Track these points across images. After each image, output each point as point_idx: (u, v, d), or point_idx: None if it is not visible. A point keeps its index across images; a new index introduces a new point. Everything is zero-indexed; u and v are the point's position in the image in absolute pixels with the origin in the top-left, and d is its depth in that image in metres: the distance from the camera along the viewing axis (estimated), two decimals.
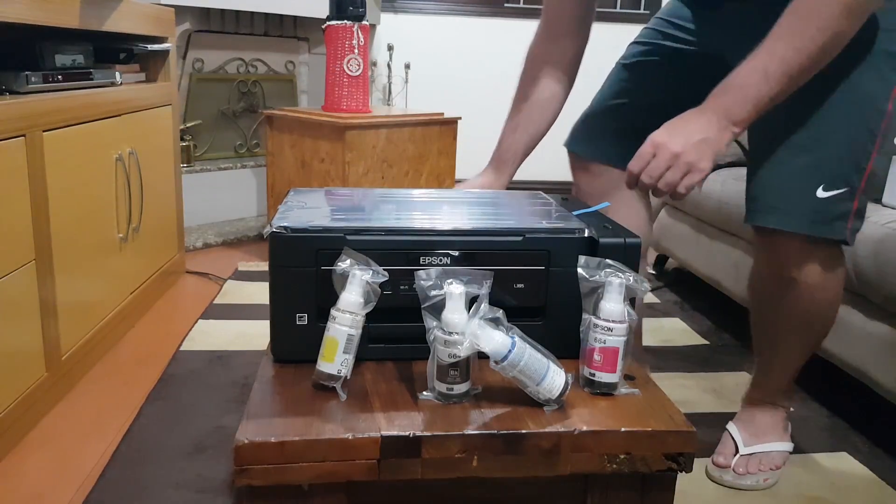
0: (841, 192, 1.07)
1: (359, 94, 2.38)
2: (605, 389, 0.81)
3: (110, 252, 1.69)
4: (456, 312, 0.74)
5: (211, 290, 2.16)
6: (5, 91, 1.37)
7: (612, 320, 0.79)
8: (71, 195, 1.47)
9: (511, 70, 1.47)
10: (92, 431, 1.35)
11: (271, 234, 0.81)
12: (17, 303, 1.28)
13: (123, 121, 1.74)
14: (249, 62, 2.91)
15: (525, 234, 0.85)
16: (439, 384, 0.78)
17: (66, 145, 1.45)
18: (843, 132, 1.06)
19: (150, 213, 1.92)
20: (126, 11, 1.74)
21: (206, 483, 1.19)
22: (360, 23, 2.31)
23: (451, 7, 3.45)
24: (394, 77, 3.41)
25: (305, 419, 0.73)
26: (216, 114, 2.86)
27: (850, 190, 1.07)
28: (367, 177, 2.30)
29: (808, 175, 1.07)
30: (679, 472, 0.76)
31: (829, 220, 1.07)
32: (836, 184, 1.06)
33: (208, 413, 1.42)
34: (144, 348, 1.73)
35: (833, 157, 1.07)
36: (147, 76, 2.03)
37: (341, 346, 0.77)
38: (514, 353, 0.73)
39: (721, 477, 1.25)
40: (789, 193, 1.08)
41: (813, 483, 1.26)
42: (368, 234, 0.83)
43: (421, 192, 1.10)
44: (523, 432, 0.73)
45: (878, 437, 1.42)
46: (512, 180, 1.33)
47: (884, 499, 1.23)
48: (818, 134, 1.07)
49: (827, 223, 1.07)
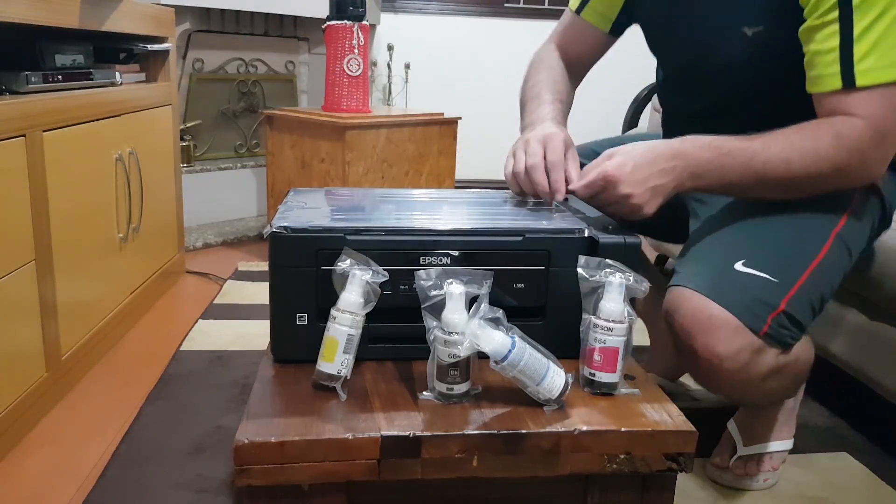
0: (763, 277, 0.96)
1: (359, 94, 2.38)
2: (605, 389, 0.81)
3: (110, 252, 1.69)
4: (456, 312, 0.74)
5: (211, 290, 2.16)
6: (5, 91, 1.37)
7: (612, 320, 0.79)
8: (71, 195, 1.47)
9: (511, 70, 1.47)
10: (92, 431, 1.35)
11: (271, 234, 0.81)
12: (17, 303, 1.28)
13: (123, 121, 1.74)
14: (249, 62, 2.91)
15: (525, 233, 0.85)
16: (439, 384, 0.78)
17: (66, 145, 1.45)
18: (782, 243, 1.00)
19: (150, 213, 1.92)
20: (126, 11, 1.74)
21: (206, 483, 1.19)
22: (360, 23, 2.31)
23: (451, 7, 3.45)
24: (394, 77, 3.41)
25: (305, 419, 0.73)
26: (216, 114, 2.86)
27: (777, 283, 0.96)
28: (367, 177, 2.30)
29: (731, 249, 1.00)
30: (679, 472, 0.76)
31: (745, 304, 0.94)
32: (758, 265, 0.96)
33: (208, 413, 1.42)
34: (144, 348, 1.73)
35: (762, 245, 1.00)
36: (147, 76, 2.03)
37: (341, 346, 0.78)
38: (514, 353, 0.73)
39: (720, 476, 1.25)
40: (705, 261, 1.00)
41: (813, 483, 1.26)
42: (368, 234, 0.83)
43: (421, 192, 1.10)
44: (523, 432, 0.73)
45: (878, 437, 1.42)
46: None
47: (884, 499, 1.23)
48: (757, 236, 1.01)
49: (740, 302, 0.94)
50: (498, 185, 1.09)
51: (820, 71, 0.94)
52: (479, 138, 3.36)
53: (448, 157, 2.57)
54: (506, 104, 3.80)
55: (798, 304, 0.98)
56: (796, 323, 0.98)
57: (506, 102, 3.79)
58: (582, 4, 1.27)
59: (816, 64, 0.95)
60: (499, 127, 3.59)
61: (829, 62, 0.93)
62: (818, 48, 0.94)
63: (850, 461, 1.33)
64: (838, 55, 0.92)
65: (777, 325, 0.96)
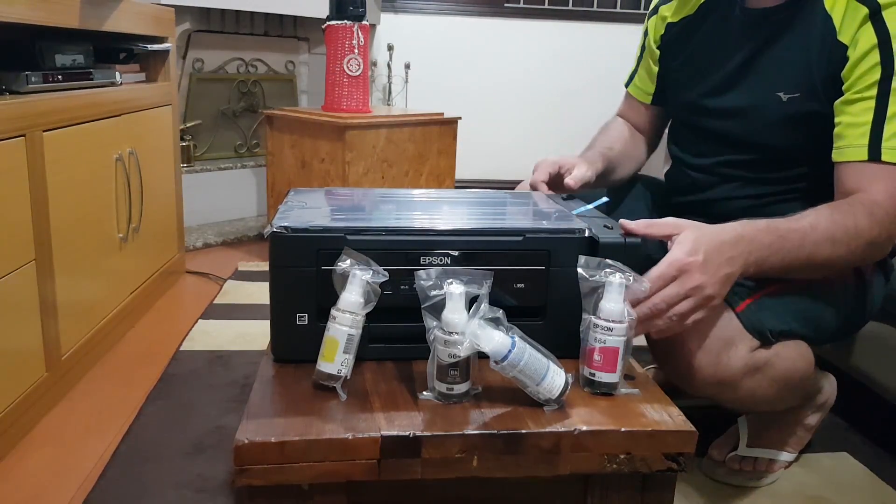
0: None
1: (359, 94, 2.38)
2: (605, 389, 0.81)
3: (110, 252, 1.69)
4: (456, 312, 0.74)
5: (211, 290, 2.16)
6: (5, 91, 1.37)
7: (612, 320, 0.79)
8: (71, 195, 1.47)
9: (511, 70, 1.48)
10: (92, 431, 1.35)
11: (271, 234, 0.81)
12: (17, 303, 1.28)
13: (123, 121, 1.74)
14: (249, 62, 2.91)
15: (525, 233, 0.85)
16: (439, 384, 0.78)
17: (66, 145, 1.45)
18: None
19: (150, 213, 1.92)
20: (126, 11, 1.74)
21: (206, 483, 1.19)
22: (360, 23, 2.31)
23: (451, 7, 3.45)
24: (394, 77, 3.41)
25: (305, 419, 0.73)
26: (216, 114, 2.86)
27: (761, 281, 0.98)
28: (367, 177, 2.30)
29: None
30: (679, 472, 0.76)
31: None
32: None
33: (208, 413, 1.42)
34: (144, 348, 1.73)
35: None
36: (147, 76, 2.03)
37: (341, 346, 0.77)
38: (514, 353, 0.73)
39: (714, 471, 1.24)
40: None
41: (813, 483, 1.26)
42: (368, 234, 0.83)
43: (421, 192, 1.10)
44: (523, 432, 0.73)
45: (878, 437, 1.42)
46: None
47: (884, 499, 1.23)
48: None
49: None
50: (498, 185, 1.09)
51: (849, 142, 0.97)
52: (479, 138, 3.36)
53: (448, 157, 2.56)
54: (506, 104, 3.82)
55: (780, 302, 0.99)
56: (776, 317, 0.98)
57: (506, 102, 3.81)
58: (629, 80, 1.39)
59: (846, 136, 0.97)
60: (499, 127, 3.60)
61: (859, 135, 0.96)
62: (851, 121, 0.97)
63: (850, 461, 1.33)
64: (869, 129, 0.95)
65: (755, 308, 0.96)
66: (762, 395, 1.04)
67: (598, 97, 2.77)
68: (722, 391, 1.00)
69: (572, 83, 3.54)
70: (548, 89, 3.56)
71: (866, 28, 0.96)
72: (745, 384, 0.99)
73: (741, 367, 0.97)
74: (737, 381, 0.98)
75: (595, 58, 3.48)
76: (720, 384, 0.97)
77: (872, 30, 0.96)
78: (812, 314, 1.05)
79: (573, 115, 3.52)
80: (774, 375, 1.02)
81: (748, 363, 0.98)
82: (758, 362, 0.99)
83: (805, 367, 1.07)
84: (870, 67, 0.95)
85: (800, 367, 1.06)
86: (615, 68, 2.07)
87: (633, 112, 1.40)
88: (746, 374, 0.98)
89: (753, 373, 0.99)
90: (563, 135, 3.52)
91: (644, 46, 1.33)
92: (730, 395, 1.02)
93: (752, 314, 0.97)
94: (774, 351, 1.01)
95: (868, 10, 0.96)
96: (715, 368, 0.95)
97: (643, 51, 1.34)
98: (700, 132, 1.22)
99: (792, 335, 1.03)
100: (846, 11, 0.99)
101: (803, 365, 1.06)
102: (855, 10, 0.98)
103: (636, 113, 1.39)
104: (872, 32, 0.96)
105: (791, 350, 1.04)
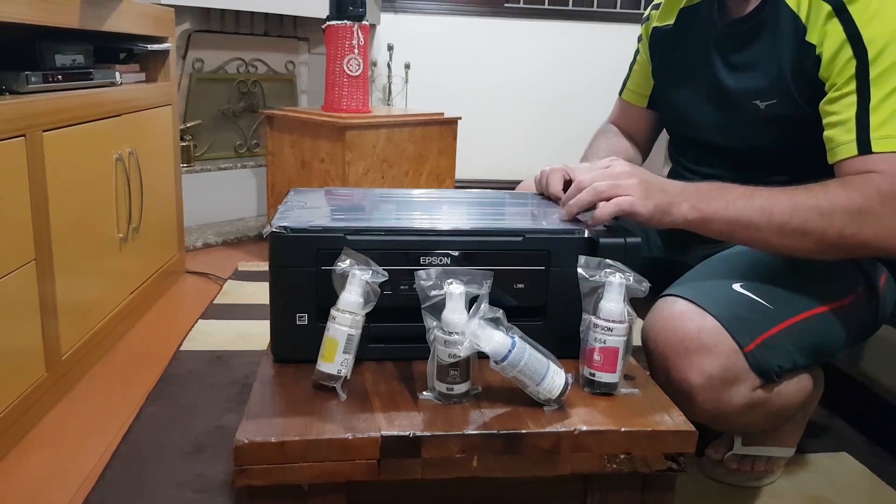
0: (758, 301, 0.96)
1: (359, 94, 2.37)
2: (605, 389, 0.81)
3: (110, 252, 1.69)
4: (456, 312, 0.74)
5: (211, 290, 2.16)
6: (5, 91, 1.37)
7: (612, 320, 0.79)
8: (71, 195, 1.47)
9: (511, 70, 1.48)
10: (92, 431, 1.35)
11: (271, 234, 0.81)
12: (17, 303, 1.28)
13: (123, 121, 1.74)
14: (249, 62, 2.91)
15: (525, 234, 0.85)
16: (439, 384, 0.78)
17: (66, 145, 1.45)
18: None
19: (150, 213, 1.92)
20: (126, 11, 1.74)
21: (206, 483, 1.19)
22: (360, 23, 2.31)
23: (451, 7, 3.45)
24: (394, 77, 3.41)
25: (305, 419, 0.73)
26: (216, 114, 2.86)
27: (773, 310, 0.97)
28: (367, 177, 2.30)
29: (727, 272, 1.01)
30: (679, 472, 0.76)
31: (736, 315, 0.94)
32: (754, 288, 0.98)
33: (208, 413, 1.42)
34: (144, 348, 1.73)
35: (764, 278, 1.00)
36: (147, 76, 2.03)
37: (341, 346, 0.78)
38: (514, 353, 0.73)
39: (712, 471, 1.24)
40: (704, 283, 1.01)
41: (813, 483, 1.26)
42: (368, 234, 0.83)
43: (421, 192, 1.10)
44: (523, 432, 0.73)
45: (878, 437, 1.42)
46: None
47: (884, 499, 1.23)
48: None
49: (730, 313, 0.94)
50: (498, 185, 1.09)
51: (838, 141, 0.95)
52: (479, 138, 3.36)
53: (448, 157, 2.56)
54: (506, 104, 3.82)
55: (791, 338, 0.97)
56: (785, 355, 0.97)
57: (506, 102, 3.81)
58: (622, 88, 1.40)
59: (834, 135, 0.96)
60: (499, 127, 3.59)
61: (845, 131, 0.94)
62: (836, 119, 0.95)
63: (850, 461, 1.33)
64: (854, 124, 0.93)
65: (764, 348, 0.95)
66: (757, 425, 1.06)
67: (597, 97, 2.77)
68: (716, 423, 1.00)
69: (572, 83, 3.54)
70: (548, 89, 3.56)
71: (832, 24, 0.95)
72: (742, 419, 1.00)
73: (741, 405, 0.96)
74: (734, 417, 0.98)
75: (595, 58, 3.48)
76: (717, 417, 0.97)
77: (840, 26, 0.95)
78: (822, 346, 1.03)
79: (573, 115, 3.52)
80: (771, 410, 1.02)
81: (748, 401, 0.97)
82: (758, 401, 0.98)
83: (802, 399, 1.06)
84: (845, 62, 0.94)
85: (797, 400, 1.05)
86: (615, 68, 2.07)
87: (627, 118, 1.39)
88: (745, 411, 0.98)
89: (752, 409, 0.99)
90: (563, 135, 3.52)
91: (638, 51, 1.35)
92: (723, 426, 1.04)
93: (759, 355, 0.95)
94: (776, 389, 1.00)
95: (831, 7, 0.95)
96: (716, 404, 0.94)
97: (637, 55, 1.35)
98: (689, 141, 1.23)
99: (797, 369, 1.02)
100: (810, 9, 0.98)
101: (801, 397, 1.06)
102: (818, 7, 0.97)
103: (631, 119, 1.38)
104: (840, 28, 0.94)
105: (792, 385, 1.02)
